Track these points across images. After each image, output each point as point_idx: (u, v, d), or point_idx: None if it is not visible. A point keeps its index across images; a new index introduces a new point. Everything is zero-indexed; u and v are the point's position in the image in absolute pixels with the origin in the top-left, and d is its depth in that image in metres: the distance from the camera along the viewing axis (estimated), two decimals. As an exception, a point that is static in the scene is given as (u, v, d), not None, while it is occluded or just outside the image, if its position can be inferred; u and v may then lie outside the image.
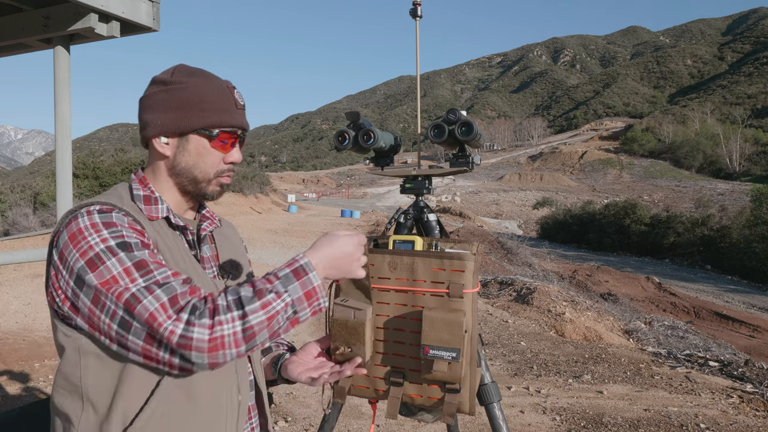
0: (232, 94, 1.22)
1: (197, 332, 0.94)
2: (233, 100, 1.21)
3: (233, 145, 1.23)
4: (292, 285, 1.03)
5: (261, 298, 1.00)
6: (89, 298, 1.00)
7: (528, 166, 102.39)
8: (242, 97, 1.25)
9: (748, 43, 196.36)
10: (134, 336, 0.98)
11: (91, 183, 21.11)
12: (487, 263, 16.78)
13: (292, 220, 29.22)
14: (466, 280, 1.46)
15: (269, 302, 1.00)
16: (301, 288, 1.04)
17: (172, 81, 1.18)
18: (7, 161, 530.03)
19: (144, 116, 1.21)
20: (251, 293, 1.00)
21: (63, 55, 3.09)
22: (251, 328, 0.98)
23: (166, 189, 1.23)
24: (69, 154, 3.13)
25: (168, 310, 0.96)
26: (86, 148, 49.76)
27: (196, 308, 0.97)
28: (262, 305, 0.99)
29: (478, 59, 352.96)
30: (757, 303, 17.69)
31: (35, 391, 4.65)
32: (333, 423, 1.88)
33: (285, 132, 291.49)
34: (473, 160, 1.98)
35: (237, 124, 1.21)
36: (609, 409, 4.69)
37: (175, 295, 0.98)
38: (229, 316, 0.97)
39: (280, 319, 1.01)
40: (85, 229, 1.04)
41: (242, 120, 1.23)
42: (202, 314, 0.96)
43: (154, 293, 0.97)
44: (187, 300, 0.99)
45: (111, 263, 1.00)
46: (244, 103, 1.25)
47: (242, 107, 1.24)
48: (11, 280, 10.01)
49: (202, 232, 1.30)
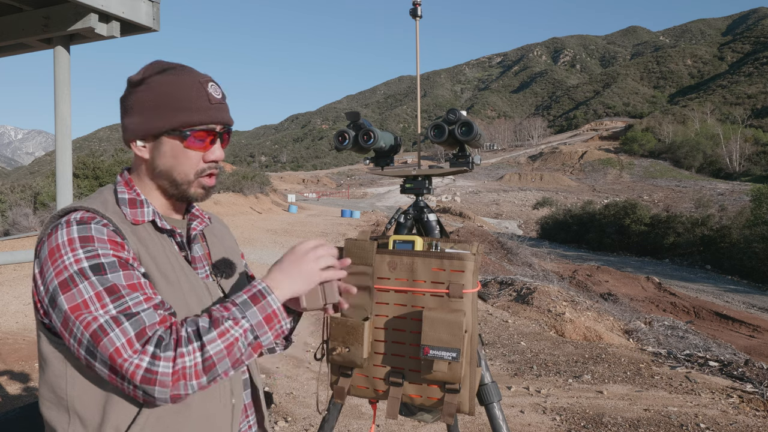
0: (205, 89, 1.14)
1: (162, 366, 0.94)
2: (206, 95, 1.14)
3: (212, 143, 1.16)
4: (250, 310, 1.02)
5: (218, 326, 0.99)
6: (60, 321, 0.99)
7: (528, 166, 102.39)
8: (219, 90, 1.17)
9: (748, 43, 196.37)
10: (100, 365, 0.97)
11: (91, 183, 21.10)
12: (487, 263, 16.78)
13: (292, 220, 29.21)
14: (466, 280, 1.45)
15: (226, 330, 0.99)
16: (260, 312, 1.03)
17: (141, 81, 1.14)
18: (7, 161, 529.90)
19: (121, 118, 1.18)
20: (208, 323, 0.99)
21: (63, 55, 3.09)
22: (210, 358, 0.97)
23: (150, 191, 1.20)
24: (69, 154, 3.13)
25: (134, 344, 0.94)
26: (86, 148, 49.69)
27: (162, 340, 0.96)
28: (219, 334, 0.98)
29: (478, 59, 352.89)
30: (757, 303, 17.68)
31: (35, 391, 4.65)
32: (333, 423, 1.88)
33: (285, 132, 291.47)
34: (473, 160, 1.97)
35: (211, 120, 1.14)
36: (609, 409, 4.69)
37: (143, 328, 0.96)
38: (189, 347, 0.96)
39: (240, 346, 1.00)
40: (62, 245, 1.01)
41: (218, 115, 1.15)
42: (167, 346, 0.95)
43: (121, 326, 0.95)
44: (154, 331, 0.97)
45: (83, 287, 0.97)
46: (220, 97, 1.16)
47: (218, 101, 1.15)
48: (11, 280, 10.01)
49: (192, 232, 1.26)
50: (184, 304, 1.12)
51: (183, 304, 1.12)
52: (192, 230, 1.26)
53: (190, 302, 1.13)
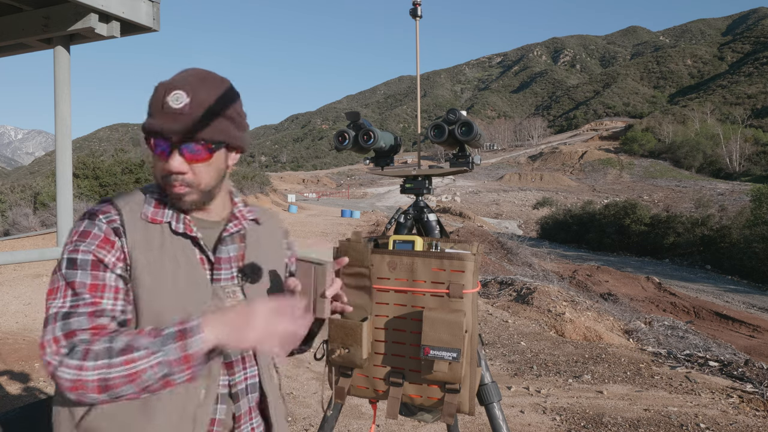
0: (163, 96, 1.09)
1: (64, 371, 0.99)
2: (161, 101, 1.09)
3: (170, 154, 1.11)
4: (169, 345, 0.99)
5: (127, 354, 0.98)
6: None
7: (528, 166, 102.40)
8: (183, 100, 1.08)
9: (748, 43, 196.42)
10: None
11: (91, 183, 21.10)
12: (487, 263, 16.78)
13: (292, 220, 29.21)
14: (466, 280, 1.45)
15: (134, 359, 0.98)
16: (179, 351, 0.99)
17: None
18: (7, 161, 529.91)
19: None
20: (122, 345, 0.99)
21: (63, 55, 3.09)
22: (111, 380, 0.98)
23: None
24: (69, 154, 3.13)
25: (59, 343, 1.02)
26: (86, 148, 49.71)
27: (74, 347, 1.01)
28: (124, 361, 0.98)
29: (478, 59, 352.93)
30: (757, 303, 17.68)
31: (35, 391, 4.65)
32: (333, 423, 1.88)
33: (285, 132, 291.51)
34: (473, 160, 1.97)
35: (158, 128, 1.08)
36: (609, 409, 4.69)
37: (71, 331, 1.03)
38: (92, 363, 0.98)
39: (147, 378, 0.98)
40: (70, 234, 1.14)
41: (164, 123, 1.08)
42: (74, 355, 1.00)
43: (56, 324, 1.04)
44: (78, 336, 1.02)
45: (58, 276, 1.09)
46: (180, 106, 1.08)
47: (172, 110, 1.08)
48: (11, 280, 10.01)
49: (224, 233, 1.24)
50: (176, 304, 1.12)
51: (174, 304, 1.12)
52: (225, 231, 1.25)
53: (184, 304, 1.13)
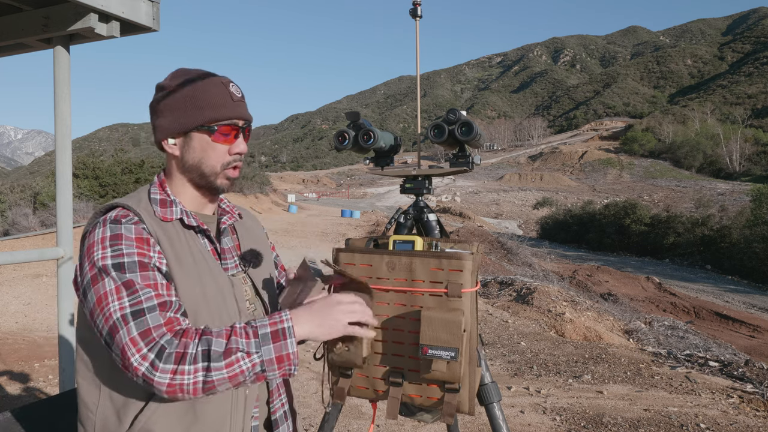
0: (227, 88, 1.26)
1: (158, 376, 1.01)
2: (228, 93, 1.25)
3: (236, 137, 1.28)
4: (266, 347, 1.07)
5: (228, 357, 1.03)
6: (88, 312, 1.11)
7: (528, 166, 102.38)
8: (239, 89, 1.29)
9: (748, 43, 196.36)
10: (114, 356, 1.06)
11: (91, 183, 21.10)
12: (487, 263, 16.77)
13: (292, 220, 29.22)
14: (465, 279, 1.45)
15: (236, 361, 1.04)
16: (275, 351, 1.07)
17: (170, 85, 1.26)
18: (7, 161, 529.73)
19: (152, 121, 1.30)
20: (222, 349, 1.04)
21: (63, 55, 3.08)
22: (212, 382, 1.03)
23: (181, 186, 1.30)
24: (69, 154, 3.13)
25: (138, 343, 1.03)
26: (86, 148, 49.74)
27: (164, 350, 1.02)
28: (227, 365, 1.03)
29: (478, 59, 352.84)
30: (757, 303, 17.68)
31: (35, 391, 4.65)
32: (333, 423, 1.88)
33: (285, 132, 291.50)
34: (473, 160, 1.97)
35: (234, 116, 1.25)
36: (609, 409, 4.69)
37: (147, 329, 1.04)
38: (192, 367, 1.01)
39: (245, 376, 1.06)
40: (97, 243, 1.13)
41: (240, 111, 1.27)
42: (167, 358, 1.01)
43: (128, 325, 1.04)
44: (161, 333, 1.04)
45: (106, 281, 1.08)
46: (241, 95, 1.28)
47: (239, 99, 1.27)
48: (11, 280, 10.01)
49: (221, 225, 1.36)
50: (203, 297, 1.20)
51: (201, 297, 1.19)
52: (222, 224, 1.37)
53: (209, 295, 1.21)
